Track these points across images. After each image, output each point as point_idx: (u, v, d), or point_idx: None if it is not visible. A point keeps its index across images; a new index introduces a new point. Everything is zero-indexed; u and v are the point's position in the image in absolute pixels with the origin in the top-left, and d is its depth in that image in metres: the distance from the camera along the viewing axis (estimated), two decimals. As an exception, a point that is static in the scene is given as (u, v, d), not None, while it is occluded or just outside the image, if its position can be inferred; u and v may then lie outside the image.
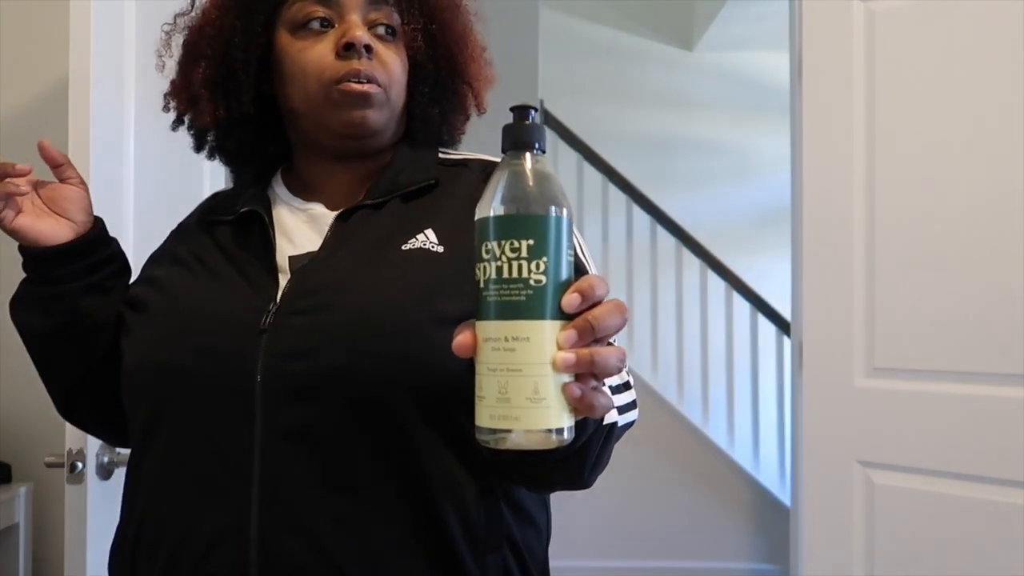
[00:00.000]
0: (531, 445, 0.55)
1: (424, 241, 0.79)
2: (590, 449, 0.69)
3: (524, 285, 0.54)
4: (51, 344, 0.88)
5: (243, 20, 0.85)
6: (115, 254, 0.90)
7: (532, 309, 0.54)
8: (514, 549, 0.78)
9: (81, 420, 1.01)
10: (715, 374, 3.87)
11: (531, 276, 0.54)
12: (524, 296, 0.54)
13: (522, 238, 0.55)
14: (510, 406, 0.54)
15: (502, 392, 0.54)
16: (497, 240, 0.55)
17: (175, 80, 0.90)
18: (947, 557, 1.66)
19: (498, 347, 0.54)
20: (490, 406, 0.54)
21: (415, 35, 0.87)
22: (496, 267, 0.55)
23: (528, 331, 0.54)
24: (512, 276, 0.54)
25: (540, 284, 0.54)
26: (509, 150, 0.58)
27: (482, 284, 0.56)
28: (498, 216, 0.55)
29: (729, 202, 4.74)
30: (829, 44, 1.84)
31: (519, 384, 0.54)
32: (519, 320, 0.54)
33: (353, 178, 0.88)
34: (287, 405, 0.73)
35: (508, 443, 0.55)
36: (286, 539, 0.72)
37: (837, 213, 1.81)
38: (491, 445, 0.56)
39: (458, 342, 0.56)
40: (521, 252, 0.54)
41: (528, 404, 0.54)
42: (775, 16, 3.92)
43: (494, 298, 0.55)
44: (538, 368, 0.54)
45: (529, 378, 0.54)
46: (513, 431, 0.54)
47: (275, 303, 0.77)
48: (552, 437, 0.54)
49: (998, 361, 1.61)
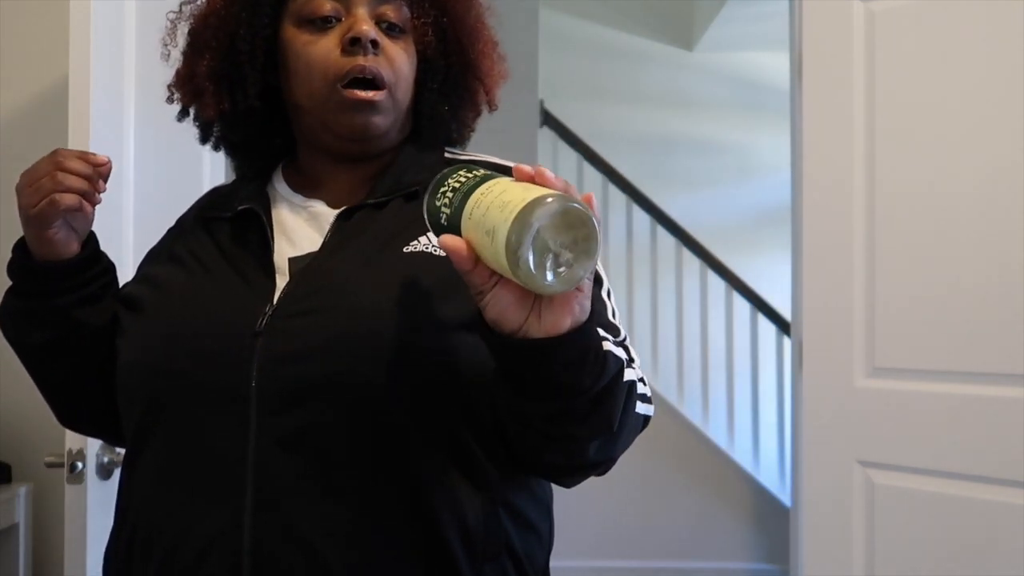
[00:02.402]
0: (554, 207, 0.54)
1: (426, 244, 0.77)
2: (616, 392, 0.67)
3: (476, 175, 0.62)
4: (48, 356, 0.86)
5: (249, 11, 0.83)
6: (107, 267, 0.88)
7: (492, 177, 0.60)
8: (513, 557, 0.77)
9: (83, 428, 1.00)
10: (715, 374, 3.86)
11: (474, 172, 0.62)
12: (481, 174, 0.61)
13: (457, 171, 0.63)
14: (516, 200, 0.55)
15: (503, 203, 0.56)
16: (442, 183, 0.63)
17: (179, 71, 0.88)
18: (947, 557, 1.66)
19: (479, 202, 0.58)
20: (500, 220, 0.55)
21: (425, 29, 0.85)
22: (451, 187, 0.62)
23: (497, 180, 0.59)
24: (465, 178, 0.62)
25: (489, 173, 0.62)
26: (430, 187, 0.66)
27: (449, 209, 0.61)
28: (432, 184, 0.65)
29: (729, 202, 4.73)
30: (829, 44, 1.84)
31: (513, 190, 0.57)
32: (485, 181, 0.59)
33: (356, 176, 0.87)
34: (282, 410, 0.72)
35: (540, 230, 0.54)
36: (279, 546, 0.71)
37: (837, 213, 1.81)
38: (526, 252, 0.54)
39: (449, 245, 0.59)
40: (462, 173, 0.63)
41: (527, 193, 0.55)
42: (775, 16, 3.92)
43: (460, 196, 0.60)
44: (521, 184, 0.58)
45: (515, 188, 0.57)
46: (532, 211, 0.54)
47: (271, 305, 0.76)
48: (567, 202, 0.55)
49: (998, 361, 1.61)
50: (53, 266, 0.82)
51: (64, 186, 0.77)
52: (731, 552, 3.57)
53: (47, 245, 0.81)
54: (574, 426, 0.67)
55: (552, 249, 0.54)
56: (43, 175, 0.78)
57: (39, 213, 0.78)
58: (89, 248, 0.85)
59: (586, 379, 0.62)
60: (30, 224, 0.80)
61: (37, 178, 0.78)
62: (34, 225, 0.80)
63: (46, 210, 0.78)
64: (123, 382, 0.81)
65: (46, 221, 0.79)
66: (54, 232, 0.80)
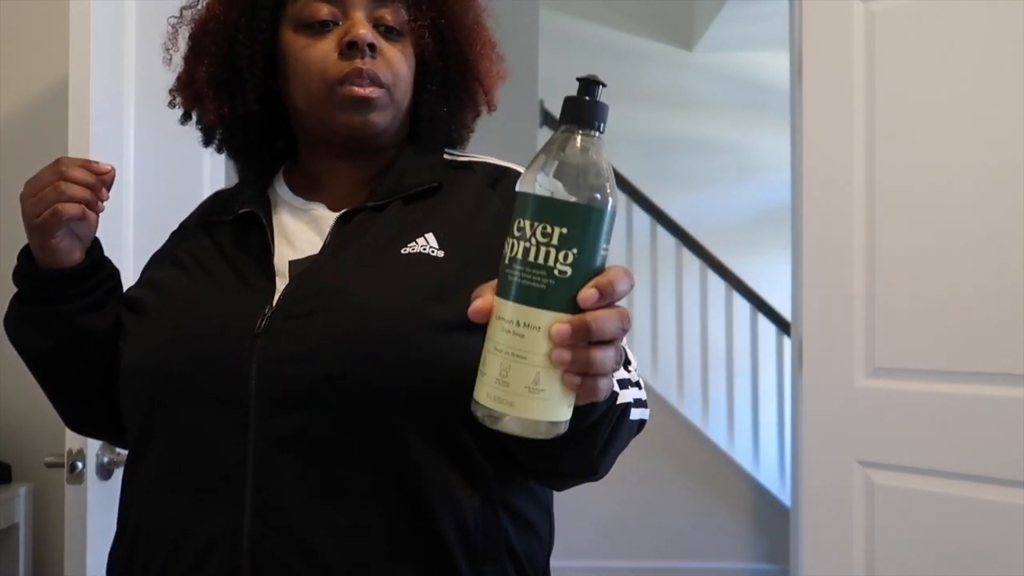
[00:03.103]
0: (522, 432, 0.54)
1: (424, 245, 0.78)
2: (600, 431, 0.67)
3: (547, 273, 0.52)
4: (54, 362, 0.87)
5: (248, 16, 0.83)
6: (111, 273, 0.89)
7: (549, 299, 0.52)
8: (513, 557, 0.77)
9: (90, 431, 1.01)
10: (715, 374, 3.86)
11: (556, 266, 0.52)
12: (544, 284, 0.52)
13: (555, 225, 0.52)
14: (508, 391, 0.53)
15: (503, 375, 0.53)
16: (531, 220, 0.52)
17: (180, 76, 0.88)
18: (947, 557, 1.66)
19: (508, 329, 0.53)
20: (489, 384, 0.54)
21: (423, 32, 0.85)
22: (524, 247, 0.52)
23: (540, 320, 0.52)
24: (537, 261, 0.52)
25: (564, 275, 0.52)
26: (567, 123, 0.55)
27: (507, 260, 0.54)
28: (536, 196, 0.53)
29: (729, 202, 4.73)
30: (829, 44, 1.84)
31: (521, 371, 0.53)
32: (533, 308, 0.52)
33: (357, 177, 0.87)
34: (281, 411, 0.72)
35: (500, 425, 0.54)
36: (279, 547, 0.71)
37: (837, 213, 1.81)
38: (484, 422, 0.55)
39: (476, 307, 0.56)
40: (552, 239, 0.52)
41: (526, 393, 0.53)
42: (775, 16, 3.92)
43: (516, 279, 0.53)
44: (543, 359, 0.52)
45: (532, 367, 0.52)
46: (507, 415, 0.53)
47: (271, 307, 0.76)
48: (542, 428, 0.54)
49: (998, 361, 1.61)
50: (57, 274, 0.82)
51: (67, 196, 0.78)
52: (731, 552, 3.57)
53: (51, 254, 0.81)
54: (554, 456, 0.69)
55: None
56: (46, 185, 0.78)
57: (42, 223, 0.78)
58: (93, 255, 0.85)
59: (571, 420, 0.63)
60: (34, 234, 0.80)
61: (40, 188, 0.78)
62: (38, 235, 0.80)
63: (49, 220, 0.78)
64: (125, 385, 0.81)
65: (49, 231, 0.79)
66: (58, 241, 0.80)
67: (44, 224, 0.78)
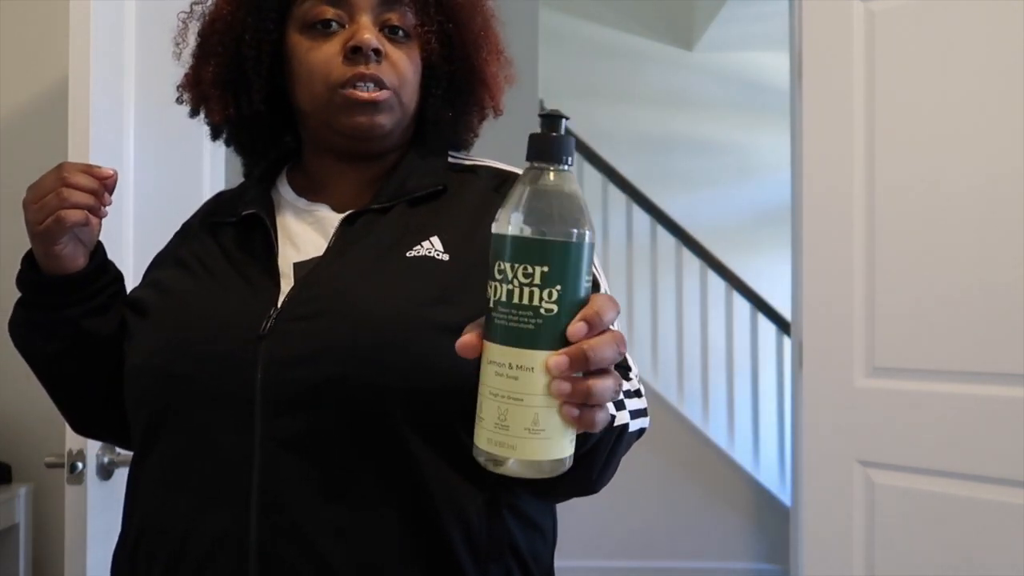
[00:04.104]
0: (527, 474, 0.54)
1: (429, 249, 0.78)
2: (597, 455, 0.68)
3: (534, 313, 0.52)
4: (59, 366, 0.87)
5: (255, 17, 0.83)
6: (115, 276, 0.88)
7: (539, 339, 0.52)
8: (517, 557, 0.77)
9: (96, 433, 1.01)
10: (715, 374, 3.86)
11: (542, 305, 0.52)
12: (532, 325, 0.52)
13: (536, 264, 0.52)
14: (508, 434, 0.53)
15: (501, 419, 0.52)
16: (511, 262, 0.52)
17: (188, 74, 0.88)
18: (947, 557, 1.66)
19: (501, 372, 0.53)
20: (488, 430, 0.53)
21: (429, 37, 0.85)
22: (507, 290, 0.52)
23: (532, 361, 0.52)
24: (522, 303, 0.52)
25: (550, 314, 0.52)
26: (534, 160, 0.55)
27: (491, 303, 0.54)
28: (514, 237, 0.53)
29: (729, 202, 4.74)
30: (829, 44, 1.84)
31: (519, 414, 0.52)
32: (524, 349, 0.52)
33: (361, 179, 0.87)
34: (286, 413, 0.72)
35: (504, 469, 0.54)
36: (285, 548, 0.71)
37: (837, 213, 1.81)
38: (487, 467, 0.55)
39: (463, 343, 0.56)
40: (534, 279, 0.52)
41: (526, 435, 0.52)
42: (775, 16, 3.92)
43: (502, 321, 0.53)
44: (540, 399, 0.52)
45: (529, 409, 0.52)
46: (510, 459, 0.53)
47: (276, 308, 0.76)
48: (546, 468, 0.54)
49: (998, 361, 1.61)
50: (62, 279, 0.82)
51: (70, 203, 0.77)
52: (731, 552, 3.57)
53: (55, 260, 0.81)
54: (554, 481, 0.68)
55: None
56: (48, 191, 0.78)
57: (46, 230, 0.78)
58: (97, 259, 0.85)
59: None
60: (37, 240, 0.80)
61: (43, 194, 0.78)
62: (41, 241, 0.80)
63: (53, 227, 0.78)
64: (129, 386, 0.81)
65: (53, 238, 0.79)
66: (61, 248, 0.80)
67: (48, 231, 0.78)
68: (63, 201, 0.77)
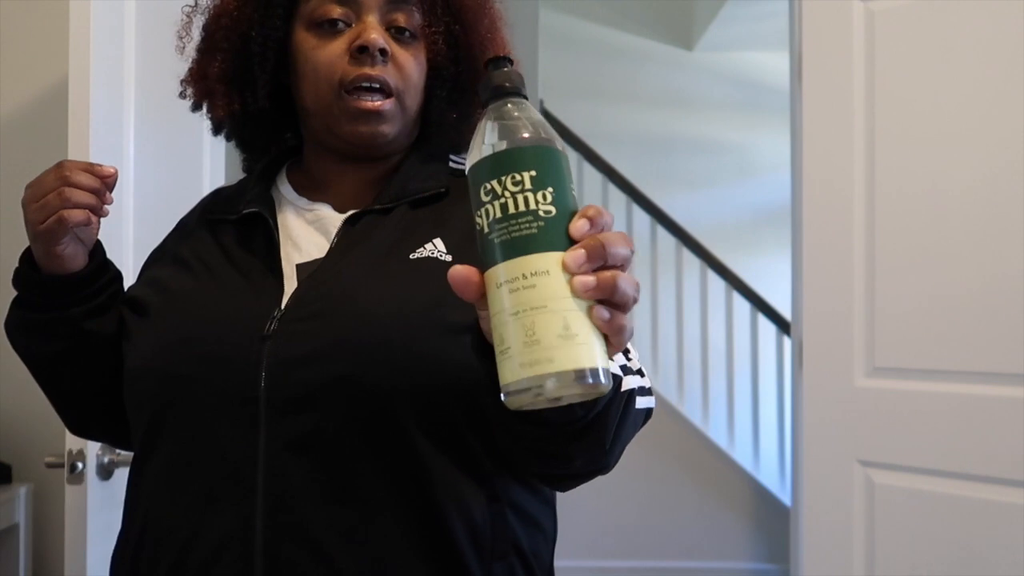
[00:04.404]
0: (569, 392, 0.50)
1: (432, 250, 0.78)
2: (609, 417, 0.66)
3: (534, 217, 0.51)
4: (58, 367, 0.86)
5: (261, 13, 0.82)
6: (115, 276, 0.88)
7: (546, 240, 0.50)
8: (521, 556, 0.77)
9: (93, 434, 1.00)
10: (715, 374, 3.86)
11: (539, 207, 0.51)
12: (536, 228, 0.50)
13: (524, 170, 0.51)
14: (541, 347, 0.48)
15: (530, 334, 0.48)
16: (497, 177, 0.52)
17: (192, 68, 0.88)
18: (947, 557, 1.66)
19: (516, 287, 0.50)
20: (519, 354, 0.49)
21: (436, 38, 0.84)
22: (500, 204, 0.51)
23: (546, 263, 0.50)
24: (520, 210, 0.51)
25: (549, 215, 0.51)
26: (493, 99, 0.55)
27: (486, 228, 0.52)
28: (495, 153, 0.52)
29: (729, 202, 4.74)
30: (829, 44, 1.84)
31: (547, 321, 0.49)
32: (535, 253, 0.50)
33: (362, 179, 0.86)
34: (290, 413, 0.72)
35: (545, 394, 0.49)
36: (291, 549, 0.71)
37: (837, 213, 1.81)
38: (526, 403, 0.50)
39: (461, 277, 0.53)
40: (525, 184, 0.51)
41: (560, 342, 0.48)
42: (775, 16, 3.92)
43: (503, 237, 0.51)
44: (564, 302, 0.49)
45: (557, 313, 0.49)
46: (549, 377, 0.48)
47: (279, 309, 0.76)
48: (589, 381, 0.49)
49: (998, 361, 1.61)
50: (62, 280, 0.81)
51: (72, 202, 0.76)
52: (731, 552, 3.57)
53: (56, 260, 0.80)
54: (563, 446, 0.67)
55: (550, 401, 0.51)
56: (49, 190, 0.76)
57: (47, 230, 0.77)
58: (97, 259, 0.84)
59: (578, 409, 0.62)
60: (38, 240, 0.79)
61: (43, 193, 0.77)
62: (42, 241, 0.78)
63: (54, 227, 0.76)
64: (130, 386, 0.81)
65: (54, 238, 0.78)
66: (63, 248, 0.79)
67: (49, 231, 0.77)
68: (65, 201, 0.76)
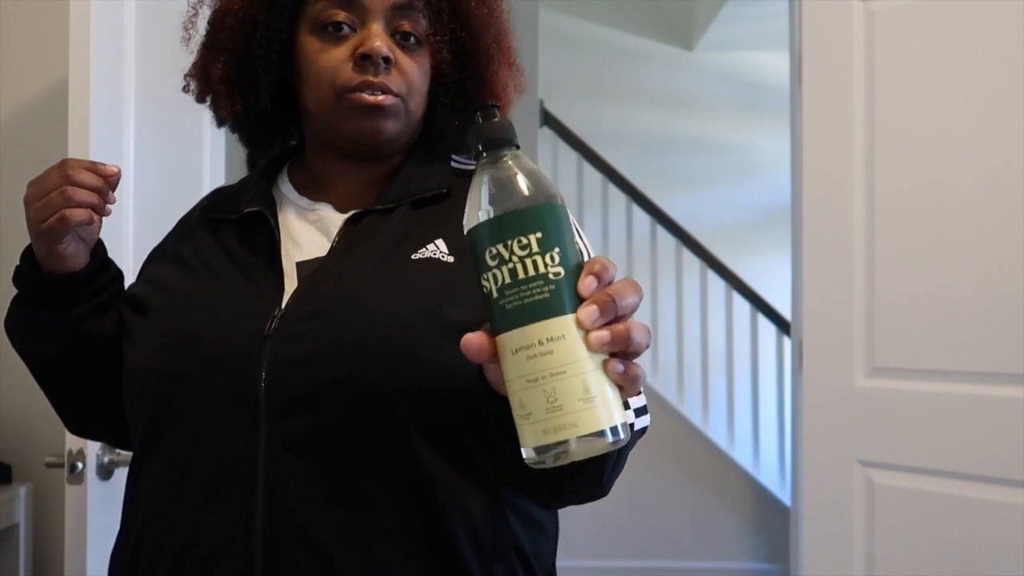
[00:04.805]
0: (591, 452, 0.51)
1: (434, 251, 0.77)
2: (606, 459, 0.67)
3: (544, 281, 0.51)
4: (60, 366, 0.85)
5: (266, 14, 0.82)
6: (116, 275, 0.87)
7: (558, 304, 0.51)
8: (521, 557, 0.77)
9: (93, 434, 1.00)
10: (715, 374, 3.86)
11: (549, 270, 0.51)
12: (547, 292, 0.50)
13: (529, 232, 0.51)
14: (563, 413, 0.49)
15: (551, 401, 0.49)
16: (503, 241, 0.51)
17: (196, 64, 0.87)
18: (947, 557, 1.66)
19: (533, 354, 0.50)
20: (540, 420, 0.50)
21: (441, 46, 0.84)
22: (509, 270, 0.51)
23: (561, 328, 0.50)
24: (529, 275, 0.51)
25: (559, 277, 0.51)
26: (485, 151, 0.55)
27: (495, 293, 0.52)
28: (498, 217, 0.52)
29: (729, 202, 4.73)
30: (829, 44, 1.84)
31: (567, 387, 0.49)
32: (549, 319, 0.50)
33: (364, 180, 0.86)
34: (291, 413, 0.72)
35: (568, 456, 0.50)
36: (291, 550, 0.71)
37: (837, 213, 1.81)
38: (548, 464, 0.51)
39: (473, 346, 0.53)
40: (532, 247, 0.51)
41: (582, 406, 0.49)
42: (775, 16, 3.92)
43: (515, 303, 0.51)
44: (581, 364, 0.50)
45: (576, 377, 0.50)
46: (571, 441, 0.49)
47: (280, 308, 0.75)
48: (609, 439, 0.50)
49: (998, 361, 1.61)
50: (63, 279, 0.81)
51: (75, 201, 0.75)
52: (731, 552, 3.57)
53: (57, 259, 0.79)
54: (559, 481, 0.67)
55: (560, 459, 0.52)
56: (52, 189, 0.76)
57: (49, 229, 0.76)
58: (98, 258, 0.84)
59: None
60: (40, 239, 0.78)
61: (46, 192, 0.76)
62: (44, 241, 0.78)
63: (57, 226, 0.76)
64: (130, 385, 0.81)
65: (57, 237, 0.77)
66: (64, 247, 0.78)
67: (52, 230, 0.76)
68: (68, 200, 0.75)
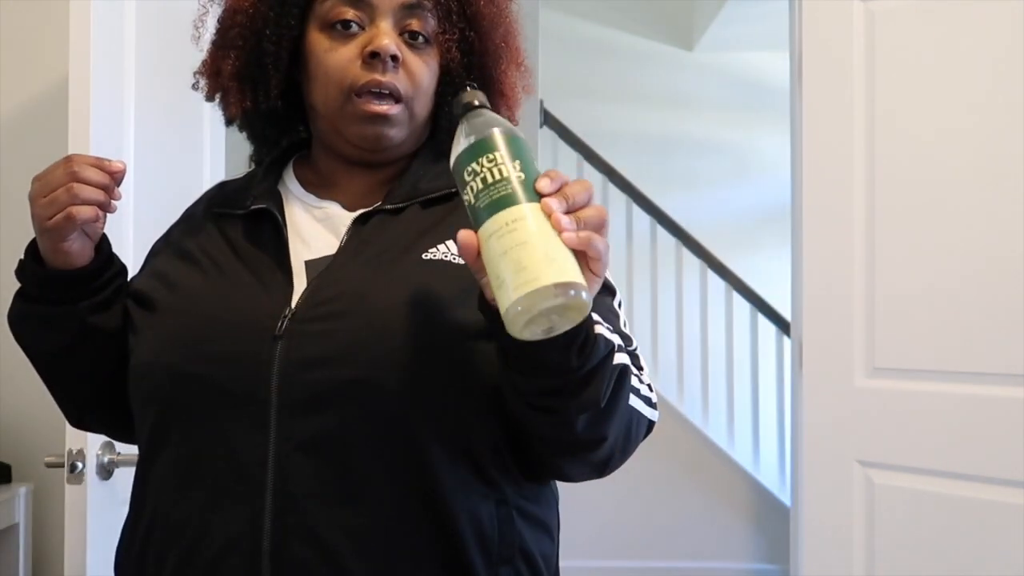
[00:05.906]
0: (563, 313, 0.60)
1: (445, 252, 0.77)
2: (602, 374, 0.67)
3: (508, 181, 0.62)
4: (63, 361, 0.85)
5: (277, 11, 0.82)
6: (120, 270, 0.87)
7: (520, 195, 0.62)
8: (527, 559, 0.77)
9: (93, 427, 1.00)
10: (715, 374, 3.86)
11: (512, 174, 0.63)
12: (511, 189, 0.62)
13: (495, 150, 0.64)
14: (528, 271, 0.59)
15: (518, 264, 0.59)
16: (476, 160, 0.64)
17: (206, 62, 0.87)
18: (947, 557, 1.66)
19: (502, 234, 0.60)
20: (511, 282, 0.59)
21: (450, 45, 0.84)
22: (481, 178, 0.63)
23: (523, 212, 0.61)
24: (497, 178, 0.62)
25: (521, 178, 0.63)
26: (464, 113, 0.68)
27: (473, 200, 0.63)
28: (471, 144, 0.65)
29: (729, 202, 4.73)
30: (829, 44, 1.84)
31: (531, 251, 0.59)
32: (512, 207, 0.61)
33: (371, 179, 0.86)
34: (301, 414, 0.72)
35: (538, 308, 0.58)
36: (299, 549, 0.71)
37: (837, 213, 1.81)
38: (522, 323, 0.59)
39: (465, 243, 0.61)
40: (497, 160, 0.63)
41: (544, 265, 0.59)
42: (775, 16, 3.91)
43: (486, 201, 0.62)
44: (542, 236, 0.60)
45: (538, 245, 0.60)
46: (538, 292, 0.58)
47: (290, 309, 0.75)
48: (571, 293, 0.59)
49: (998, 361, 1.61)
50: (69, 274, 0.80)
51: (81, 198, 0.75)
52: (731, 552, 3.57)
53: (62, 255, 0.79)
54: (561, 400, 0.67)
55: (543, 321, 0.61)
56: (57, 185, 0.75)
57: (55, 226, 0.76)
58: (103, 253, 0.84)
59: (573, 360, 0.64)
60: (45, 236, 0.78)
61: (52, 188, 0.75)
62: (50, 237, 0.77)
63: (63, 223, 0.75)
64: (137, 382, 0.80)
65: (62, 234, 0.77)
66: (70, 244, 0.78)
67: (57, 227, 0.76)
68: (74, 197, 0.75)
